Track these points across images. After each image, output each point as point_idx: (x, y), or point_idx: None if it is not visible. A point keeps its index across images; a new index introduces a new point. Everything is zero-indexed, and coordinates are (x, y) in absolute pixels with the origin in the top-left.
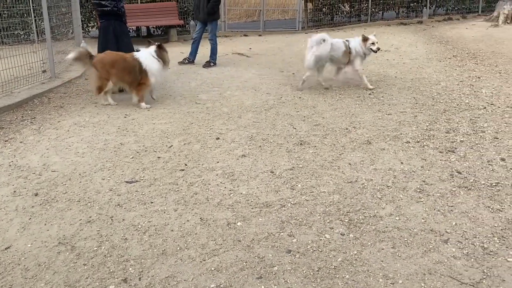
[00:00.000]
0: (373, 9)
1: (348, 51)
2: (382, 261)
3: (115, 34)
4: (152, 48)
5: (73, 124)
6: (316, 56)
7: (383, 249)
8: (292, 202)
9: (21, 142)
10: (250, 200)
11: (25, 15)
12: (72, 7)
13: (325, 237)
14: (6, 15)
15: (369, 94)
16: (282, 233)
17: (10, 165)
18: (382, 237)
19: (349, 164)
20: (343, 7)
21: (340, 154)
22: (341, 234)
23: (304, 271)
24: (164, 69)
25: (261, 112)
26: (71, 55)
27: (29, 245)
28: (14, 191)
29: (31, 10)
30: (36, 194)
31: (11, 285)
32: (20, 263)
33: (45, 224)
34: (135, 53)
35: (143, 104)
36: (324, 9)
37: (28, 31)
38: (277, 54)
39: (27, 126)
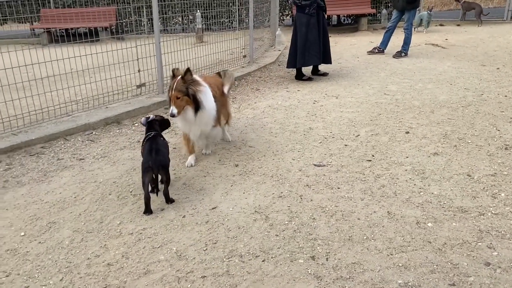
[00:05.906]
0: None
1: None
2: None
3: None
4: None
5: (267, 106)
6: None
7: None
8: (493, 212)
9: None
10: (442, 202)
11: (231, 4)
12: None
13: None
14: (215, 4)
15: None
16: (479, 243)
17: None
18: None
19: None
20: None
21: None
22: None
23: None
24: None
25: (458, 109)
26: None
27: (230, 209)
28: (219, 160)
29: None
30: (237, 165)
31: (217, 240)
32: (224, 223)
33: (243, 193)
34: None
35: None
36: None
37: (232, 19)
38: (478, 46)
39: None
